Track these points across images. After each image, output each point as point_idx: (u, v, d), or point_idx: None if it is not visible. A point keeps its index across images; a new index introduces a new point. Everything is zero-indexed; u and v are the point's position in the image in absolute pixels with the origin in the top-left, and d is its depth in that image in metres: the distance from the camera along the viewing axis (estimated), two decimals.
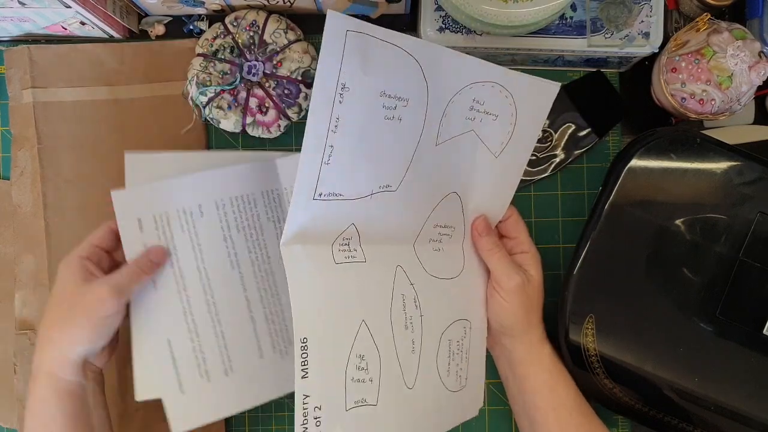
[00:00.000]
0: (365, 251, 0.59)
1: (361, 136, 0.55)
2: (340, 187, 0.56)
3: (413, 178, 0.59)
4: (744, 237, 0.60)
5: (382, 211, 0.59)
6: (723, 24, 0.63)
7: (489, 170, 0.64)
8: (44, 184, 0.70)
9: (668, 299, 0.61)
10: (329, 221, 0.56)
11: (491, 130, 0.63)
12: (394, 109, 0.56)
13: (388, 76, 0.55)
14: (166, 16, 0.72)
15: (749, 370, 0.60)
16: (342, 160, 0.54)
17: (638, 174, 0.62)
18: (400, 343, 0.60)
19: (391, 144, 0.57)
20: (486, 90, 0.61)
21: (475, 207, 0.66)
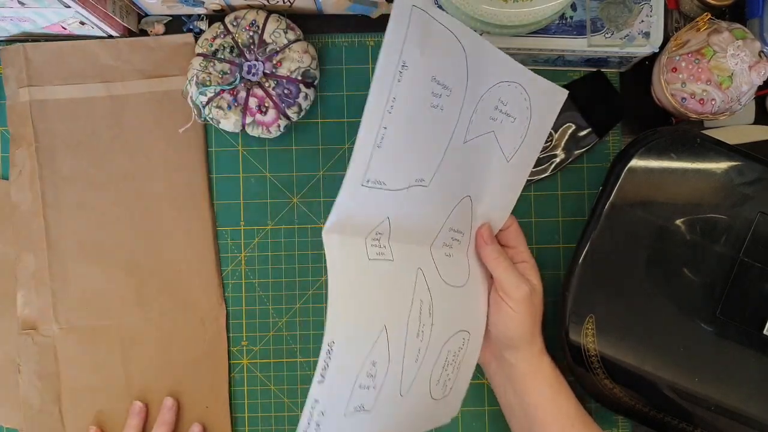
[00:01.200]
0: (393, 249, 0.56)
1: (409, 120, 0.52)
2: (385, 175, 0.53)
3: (442, 176, 0.57)
4: (744, 237, 0.60)
5: (413, 208, 0.56)
6: (723, 24, 0.63)
7: (500, 175, 0.64)
8: (43, 183, 0.70)
9: (668, 299, 0.61)
10: (369, 212, 0.53)
11: (508, 133, 0.62)
12: (439, 97, 0.54)
13: (440, 61, 0.53)
14: (165, 16, 0.72)
15: (749, 370, 0.60)
16: (391, 144, 0.52)
17: (638, 174, 0.61)
18: (409, 352, 0.58)
19: (431, 134, 0.55)
20: (511, 90, 0.60)
21: (482, 213, 0.64)
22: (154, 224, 0.70)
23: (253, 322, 0.71)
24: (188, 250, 0.70)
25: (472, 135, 0.59)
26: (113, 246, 0.70)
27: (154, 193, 0.70)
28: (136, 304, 0.70)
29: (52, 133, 0.70)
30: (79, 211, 0.70)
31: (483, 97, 0.58)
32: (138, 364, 0.70)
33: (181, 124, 0.70)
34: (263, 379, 0.71)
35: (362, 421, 0.55)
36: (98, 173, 0.70)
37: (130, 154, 0.70)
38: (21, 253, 0.70)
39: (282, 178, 0.72)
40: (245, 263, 0.72)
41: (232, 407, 0.71)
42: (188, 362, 0.70)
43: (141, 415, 0.68)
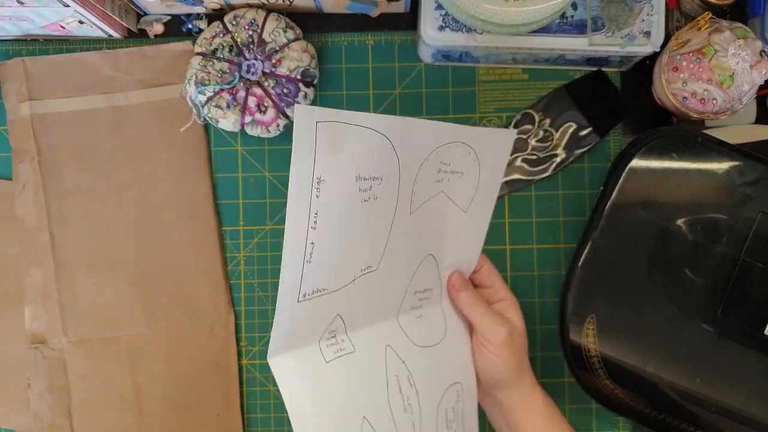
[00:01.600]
0: (352, 339, 0.56)
1: (340, 225, 0.52)
2: (323, 283, 0.53)
3: (392, 252, 0.58)
4: (745, 237, 0.60)
5: (365, 294, 0.56)
6: (724, 23, 0.63)
7: (460, 226, 0.64)
8: (47, 196, 0.70)
9: (669, 299, 0.61)
10: (315, 318, 0.53)
11: (458, 187, 0.62)
12: (369, 190, 0.54)
13: (361, 159, 0.53)
14: (165, 15, 0.71)
15: (751, 371, 0.60)
16: (324, 255, 0.51)
17: (639, 174, 0.61)
18: (402, 428, 0.58)
19: (370, 225, 0.55)
20: (450, 150, 0.60)
21: (449, 264, 0.64)
22: (160, 233, 0.70)
23: (253, 322, 0.71)
24: (195, 257, 0.70)
25: (418, 203, 0.59)
26: (119, 257, 0.70)
27: (159, 202, 0.70)
28: (144, 314, 0.70)
29: (55, 146, 0.70)
30: (84, 224, 0.70)
31: (422, 168, 0.58)
32: (147, 375, 0.70)
33: (182, 127, 0.69)
34: (262, 379, 0.71)
35: None
36: (102, 185, 0.70)
37: (133, 165, 0.70)
38: (28, 267, 0.70)
39: (281, 177, 0.71)
40: (245, 263, 0.71)
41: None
42: (198, 371, 0.70)
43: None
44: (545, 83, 0.71)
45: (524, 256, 0.71)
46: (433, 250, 0.62)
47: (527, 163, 0.70)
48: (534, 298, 0.71)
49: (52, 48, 0.72)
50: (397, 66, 0.72)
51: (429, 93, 0.71)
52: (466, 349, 0.64)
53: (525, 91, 0.72)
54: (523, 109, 0.71)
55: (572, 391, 0.71)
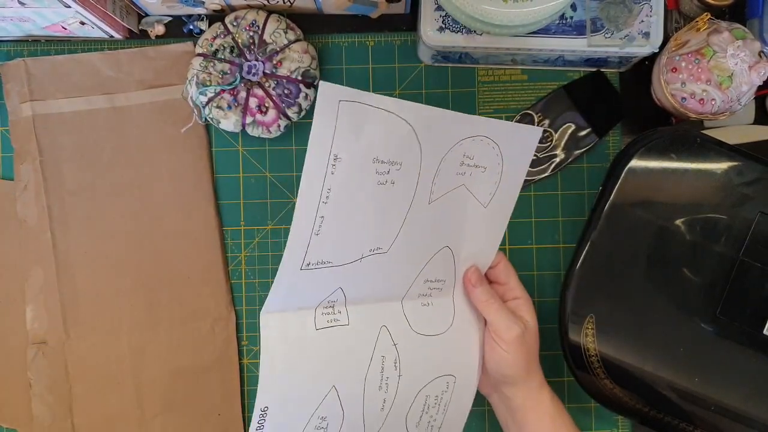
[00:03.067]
0: (350, 313, 0.59)
1: (352, 204, 0.55)
2: (329, 256, 0.55)
3: (405, 238, 0.59)
4: (744, 237, 0.60)
5: (371, 273, 0.58)
6: (723, 24, 0.63)
7: (479, 221, 0.64)
8: (48, 197, 0.70)
9: (668, 299, 0.61)
10: (317, 287, 0.56)
11: (480, 182, 0.62)
12: (387, 174, 0.56)
13: (381, 142, 0.54)
14: (166, 16, 0.72)
15: (750, 370, 0.60)
16: (332, 229, 0.54)
17: (638, 174, 0.61)
18: (369, 403, 0.60)
19: (384, 208, 0.57)
20: (475, 144, 0.60)
21: (465, 257, 0.64)
22: (161, 233, 0.70)
23: (253, 322, 0.71)
24: (196, 257, 0.70)
25: (438, 194, 0.60)
26: (121, 257, 0.70)
27: (160, 202, 0.70)
28: (146, 313, 0.70)
29: (56, 146, 0.70)
30: (85, 224, 0.70)
31: (445, 158, 0.59)
32: (149, 374, 0.70)
33: (184, 127, 0.70)
34: None
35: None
36: (103, 185, 0.70)
37: (134, 165, 0.70)
38: (29, 267, 0.70)
39: (282, 178, 0.72)
40: (245, 263, 0.72)
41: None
42: (199, 370, 0.70)
43: None
44: (544, 84, 0.72)
45: (523, 256, 0.72)
46: (451, 243, 0.63)
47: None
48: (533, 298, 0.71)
49: (54, 49, 0.72)
50: (397, 67, 0.72)
51: (429, 93, 0.72)
52: (473, 344, 0.64)
53: (524, 91, 0.72)
54: (522, 109, 0.71)
55: (571, 391, 0.71)
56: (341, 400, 0.59)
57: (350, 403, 0.59)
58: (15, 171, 0.71)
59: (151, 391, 0.70)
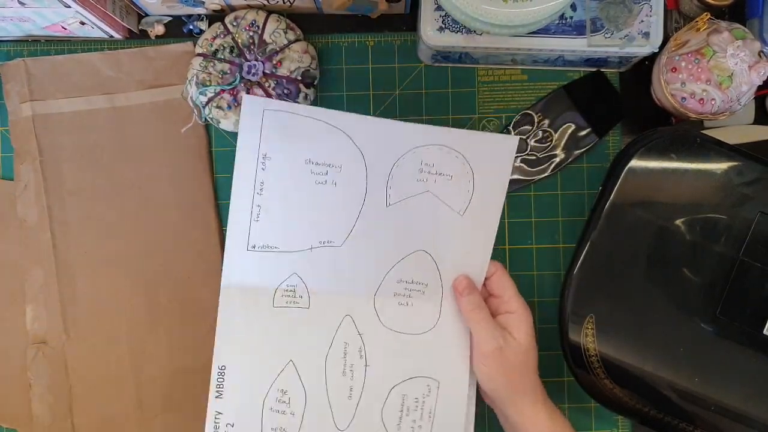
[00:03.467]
0: (312, 299, 0.65)
1: (289, 197, 0.64)
2: (273, 241, 0.64)
3: (362, 236, 0.65)
4: (744, 237, 0.60)
5: (328, 264, 0.64)
6: (723, 24, 0.63)
7: (457, 228, 0.65)
8: (48, 197, 0.70)
9: (668, 299, 0.61)
10: (270, 269, 0.64)
11: (449, 190, 0.65)
12: (325, 174, 0.64)
13: (313, 146, 0.64)
14: (165, 16, 0.72)
15: (749, 370, 0.60)
16: (271, 217, 0.64)
17: (638, 174, 0.61)
18: (334, 388, 0.64)
19: (328, 205, 0.64)
20: (432, 152, 0.65)
21: (452, 266, 0.65)
22: (161, 233, 0.70)
23: None
24: (195, 257, 0.71)
25: (397, 198, 0.65)
26: (121, 256, 0.70)
27: (160, 202, 0.70)
28: (146, 313, 0.70)
29: (56, 146, 0.70)
30: (85, 223, 0.70)
31: (397, 164, 0.65)
32: (149, 374, 0.70)
33: (184, 127, 0.70)
34: None
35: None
36: (103, 185, 0.70)
37: (134, 165, 0.70)
38: (29, 267, 0.70)
39: None
40: None
41: None
42: (199, 370, 0.70)
43: None
44: (544, 84, 0.72)
45: (523, 256, 0.72)
46: (426, 247, 0.65)
47: (526, 164, 0.71)
48: (533, 298, 0.71)
49: (54, 49, 0.72)
50: (397, 67, 0.72)
51: (429, 93, 0.72)
52: (460, 352, 0.64)
53: (524, 91, 0.72)
54: (522, 109, 0.71)
55: (571, 391, 0.71)
56: (300, 376, 0.64)
57: (311, 381, 0.64)
58: (15, 171, 0.71)
59: (151, 391, 0.70)
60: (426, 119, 0.71)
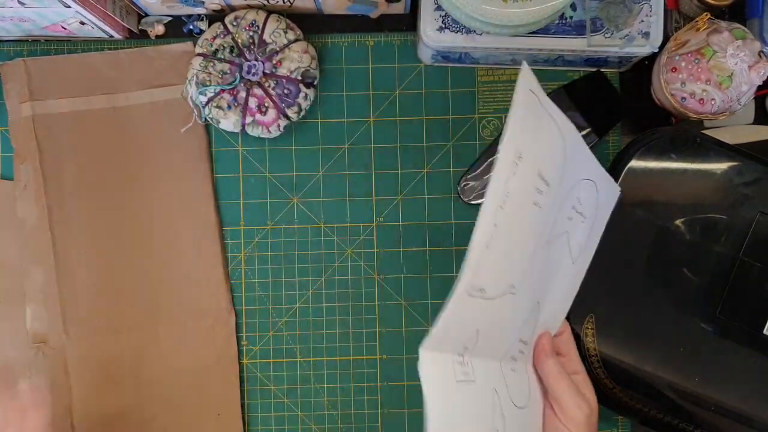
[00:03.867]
0: (474, 367, 0.49)
1: (515, 218, 0.47)
2: (486, 281, 0.47)
3: (528, 281, 0.51)
4: (744, 237, 0.60)
5: (500, 318, 0.50)
6: (723, 24, 0.63)
7: (565, 277, 0.57)
8: (48, 197, 0.70)
9: (668, 299, 0.61)
10: (464, 324, 0.47)
11: (578, 233, 0.56)
12: (541, 194, 0.48)
13: (546, 153, 0.48)
14: (165, 16, 0.72)
15: (750, 370, 0.60)
16: (498, 244, 0.46)
17: (638, 174, 0.61)
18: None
19: (528, 235, 0.49)
20: (587, 188, 0.54)
21: (543, 320, 0.57)
22: (161, 233, 0.70)
23: (253, 322, 0.71)
24: (195, 257, 0.70)
25: (552, 236, 0.52)
26: (121, 256, 0.70)
27: (160, 202, 0.70)
28: (146, 313, 0.70)
29: (56, 146, 0.70)
30: (85, 224, 0.70)
31: (568, 195, 0.52)
32: (149, 374, 0.70)
33: (184, 127, 0.70)
34: (263, 379, 0.71)
35: None
36: (104, 185, 0.70)
37: (134, 165, 0.70)
38: (29, 267, 0.70)
39: (282, 177, 0.72)
40: (245, 263, 0.72)
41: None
42: (199, 370, 0.70)
43: None
44: (544, 84, 0.71)
45: None
46: (541, 298, 0.55)
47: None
48: None
49: (54, 49, 0.72)
50: (396, 67, 0.72)
51: (428, 93, 0.72)
52: (539, 420, 0.57)
53: None
54: None
55: None
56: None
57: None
58: (15, 171, 0.71)
59: (150, 391, 0.70)
60: (426, 119, 0.71)
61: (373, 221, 0.72)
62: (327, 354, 0.71)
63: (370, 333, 0.71)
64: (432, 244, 0.71)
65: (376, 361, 0.71)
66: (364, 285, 0.71)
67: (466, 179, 0.71)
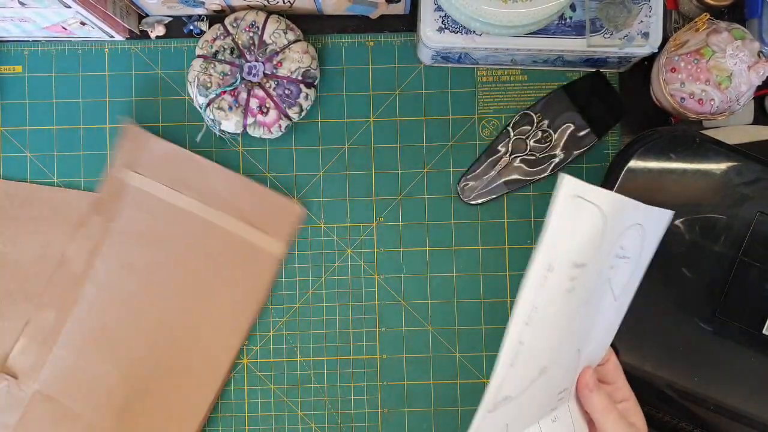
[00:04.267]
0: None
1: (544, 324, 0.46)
2: (512, 390, 0.46)
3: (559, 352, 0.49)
4: (743, 237, 0.60)
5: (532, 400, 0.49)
6: (722, 24, 0.63)
7: (608, 315, 0.56)
8: (101, 259, 0.69)
9: (668, 299, 0.61)
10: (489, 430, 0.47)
11: (620, 273, 0.54)
12: (575, 279, 0.46)
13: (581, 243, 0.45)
14: (166, 17, 0.72)
15: (749, 370, 0.60)
16: (526, 359, 0.45)
17: (637, 174, 0.62)
18: None
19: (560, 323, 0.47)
20: (632, 234, 0.52)
21: (585, 358, 0.55)
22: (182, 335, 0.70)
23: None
24: (204, 364, 0.70)
25: (592, 293, 0.50)
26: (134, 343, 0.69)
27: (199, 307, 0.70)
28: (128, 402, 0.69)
29: (134, 221, 0.69)
30: (118, 297, 0.69)
31: (608, 252, 0.50)
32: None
33: (254, 281, 0.70)
34: (263, 378, 0.71)
35: None
36: (156, 274, 0.69)
37: (194, 269, 0.70)
38: (44, 303, 0.69)
39: (282, 178, 0.72)
40: None
41: (232, 407, 0.71)
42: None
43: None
44: (544, 84, 0.72)
45: (523, 256, 0.72)
46: (581, 345, 0.53)
47: (526, 164, 0.71)
48: None
49: (54, 49, 0.72)
50: (396, 67, 0.72)
51: (428, 94, 0.72)
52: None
53: (524, 92, 0.72)
54: (521, 110, 0.71)
55: None
56: None
57: None
58: (86, 216, 0.70)
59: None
60: (426, 119, 0.72)
61: (373, 221, 0.72)
62: (327, 354, 0.71)
63: (370, 333, 0.71)
64: (432, 244, 0.71)
65: (376, 360, 0.71)
66: (364, 285, 0.72)
67: (466, 179, 0.71)
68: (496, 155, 0.71)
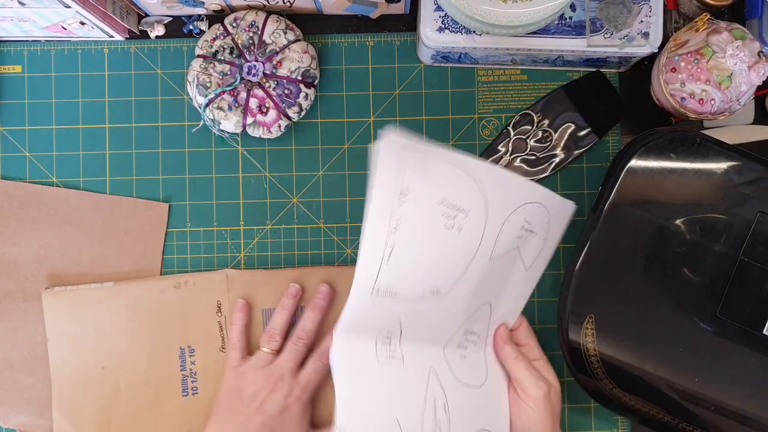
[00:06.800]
0: (403, 350, 0.61)
1: (421, 238, 0.58)
2: (396, 286, 0.58)
3: (462, 287, 0.61)
4: (744, 237, 0.60)
5: (427, 314, 0.61)
6: (722, 24, 0.63)
7: (520, 282, 0.66)
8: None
9: (668, 299, 0.61)
10: (379, 317, 0.59)
11: (530, 247, 0.65)
12: (454, 219, 0.59)
13: (446, 186, 0.58)
14: (165, 16, 0.72)
15: (749, 370, 0.60)
16: (402, 259, 0.57)
17: (638, 174, 0.62)
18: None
19: (449, 252, 0.59)
20: (534, 210, 0.63)
21: (499, 316, 0.66)
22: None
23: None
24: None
25: (498, 253, 0.62)
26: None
27: None
28: None
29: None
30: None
31: (508, 220, 0.61)
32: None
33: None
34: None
35: None
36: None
37: None
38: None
39: (282, 177, 0.72)
40: (245, 263, 0.72)
41: None
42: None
43: (296, 297, 0.68)
44: (544, 84, 0.72)
45: None
46: (492, 300, 0.65)
47: (526, 164, 0.71)
48: (533, 298, 0.71)
49: (54, 49, 0.72)
50: (396, 67, 0.72)
51: (428, 93, 0.72)
52: (503, 401, 0.65)
53: (524, 91, 0.72)
54: (521, 109, 0.71)
55: (571, 391, 0.71)
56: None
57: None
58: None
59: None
60: (426, 119, 0.72)
61: None
62: None
63: None
64: None
65: None
66: None
67: None
68: (497, 155, 0.71)
